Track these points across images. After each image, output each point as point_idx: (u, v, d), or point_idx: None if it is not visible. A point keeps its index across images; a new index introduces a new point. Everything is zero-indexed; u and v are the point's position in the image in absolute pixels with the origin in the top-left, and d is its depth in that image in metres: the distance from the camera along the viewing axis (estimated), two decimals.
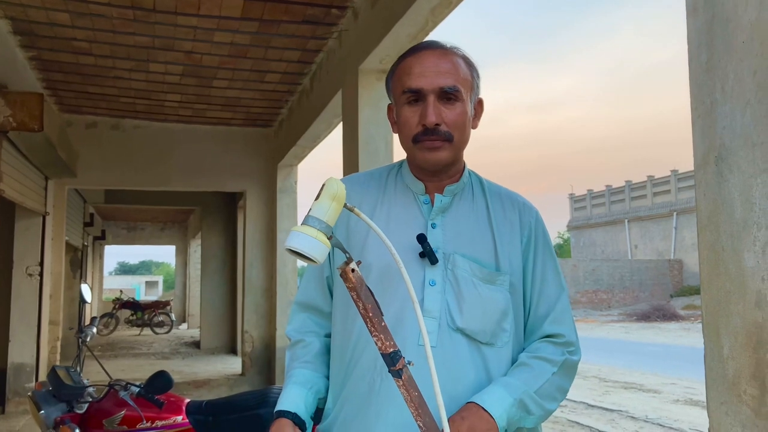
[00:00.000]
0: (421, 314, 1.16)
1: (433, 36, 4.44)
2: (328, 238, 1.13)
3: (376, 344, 1.15)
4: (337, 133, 6.66)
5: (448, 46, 1.43)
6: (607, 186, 38.21)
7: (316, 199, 1.16)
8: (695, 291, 30.24)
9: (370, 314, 1.14)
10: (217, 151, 8.80)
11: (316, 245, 1.11)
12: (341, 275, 1.14)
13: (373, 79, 4.96)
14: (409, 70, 1.39)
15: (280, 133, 8.46)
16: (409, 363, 1.17)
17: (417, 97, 1.38)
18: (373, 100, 4.96)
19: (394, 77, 1.45)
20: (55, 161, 6.90)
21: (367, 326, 1.15)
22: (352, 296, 1.15)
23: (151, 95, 7.46)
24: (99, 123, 8.33)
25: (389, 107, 1.52)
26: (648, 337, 18.55)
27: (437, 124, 1.36)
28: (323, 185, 1.17)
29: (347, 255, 1.15)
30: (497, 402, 1.28)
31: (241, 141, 8.93)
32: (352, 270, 1.13)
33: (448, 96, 1.37)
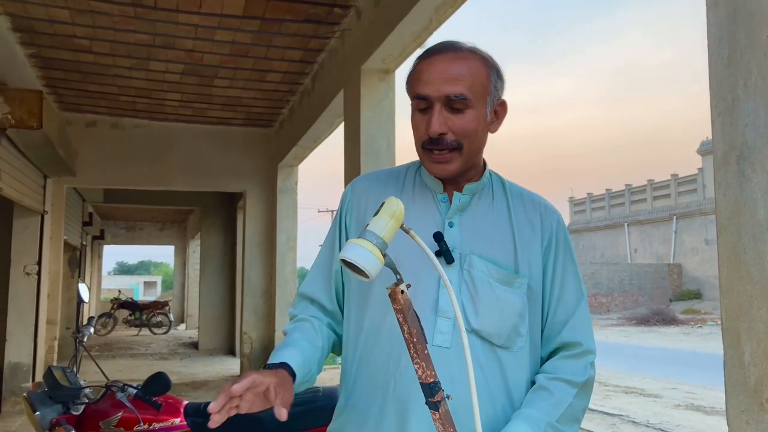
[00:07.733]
0: (461, 315, 1.15)
1: (437, 37, 4.40)
2: (383, 255, 1.11)
3: (417, 372, 1.12)
4: (338, 134, 6.61)
5: (465, 47, 1.36)
6: (607, 189, 38.22)
7: (375, 214, 1.15)
8: (694, 295, 30.22)
9: (414, 339, 1.12)
10: (217, 151, 8.74)
11: (371, 259, 1.09)
12: (390, 295, 1.12)
13: (376, 79, 4.91)
14: (419, 76, 1.35)
15: (281, 133, 8.41)
16: (448, 397, 1.13)
17: (426, 104, 1.34)
18: (376, 100, 4.91)
19: (408, 80, 1.42)
20: (54, 160, 6.85)
21: (410, 352, 1.13)
22: (398, 318, 1.12)
23: (151, 94, 7.41)
24: (99, 121, 8.27)
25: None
26: (648, 341, 18.52)
27: (442, 134, 1.32)
28: (383, 203, 1.16)
29: (398, 276, 1.13)
30: None
31: (242, 141, 8.88)
32: (402, 292, 1.11)
33: (455, 103, 1.32)
